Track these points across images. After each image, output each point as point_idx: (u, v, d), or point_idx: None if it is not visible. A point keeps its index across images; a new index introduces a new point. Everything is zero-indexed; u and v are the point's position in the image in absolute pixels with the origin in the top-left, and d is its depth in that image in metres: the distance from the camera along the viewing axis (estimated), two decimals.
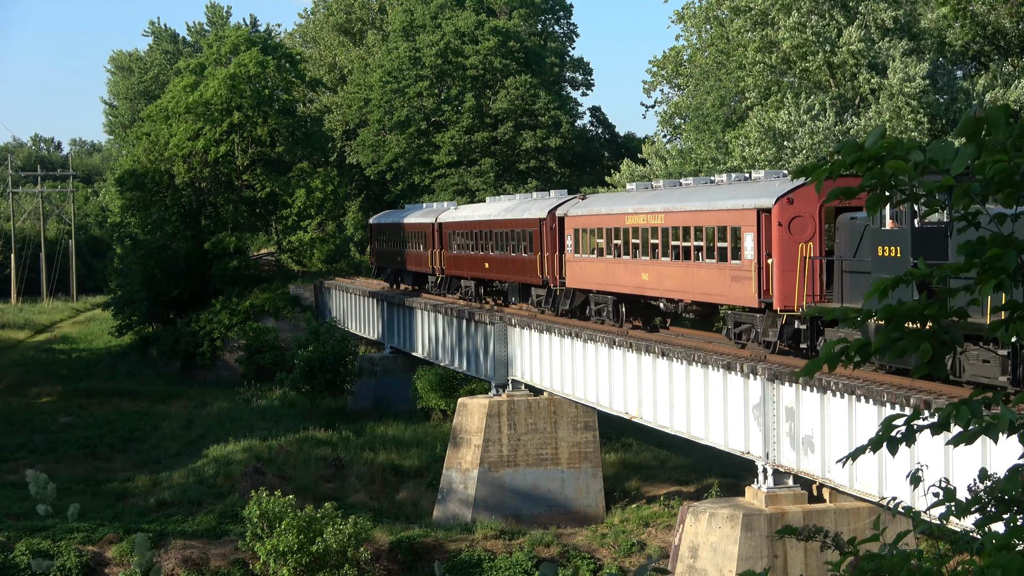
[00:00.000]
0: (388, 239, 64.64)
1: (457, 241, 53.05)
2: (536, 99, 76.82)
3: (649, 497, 43.44)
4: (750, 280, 30.41)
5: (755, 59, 51.40)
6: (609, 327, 39.07)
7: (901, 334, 5.19)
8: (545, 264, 43.24)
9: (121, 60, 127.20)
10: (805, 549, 27.96)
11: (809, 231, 29.21)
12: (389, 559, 36.28)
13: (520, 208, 47.01)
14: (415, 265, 59.04)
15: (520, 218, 45.73)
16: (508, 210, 48.00)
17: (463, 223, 52.63)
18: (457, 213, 54.85)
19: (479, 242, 50.11)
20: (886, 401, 24.46)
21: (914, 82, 46.11)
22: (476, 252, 50.50)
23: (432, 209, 59.05)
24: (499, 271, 48.12)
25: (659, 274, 35.50)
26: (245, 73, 73.23)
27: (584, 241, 40.57)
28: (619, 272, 38.07)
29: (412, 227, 59.29)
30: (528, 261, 44.62)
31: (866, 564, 5.56)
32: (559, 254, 42.41)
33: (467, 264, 51.93)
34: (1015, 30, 50.26)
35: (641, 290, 36.84)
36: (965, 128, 4.67)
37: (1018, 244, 4.82)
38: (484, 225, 49.75)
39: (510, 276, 47.26)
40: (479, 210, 52.67)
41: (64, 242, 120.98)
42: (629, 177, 61.29)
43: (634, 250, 36.98)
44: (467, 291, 52.59)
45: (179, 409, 61.56)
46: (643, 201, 37.52)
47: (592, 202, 42.37)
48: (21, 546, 34.99)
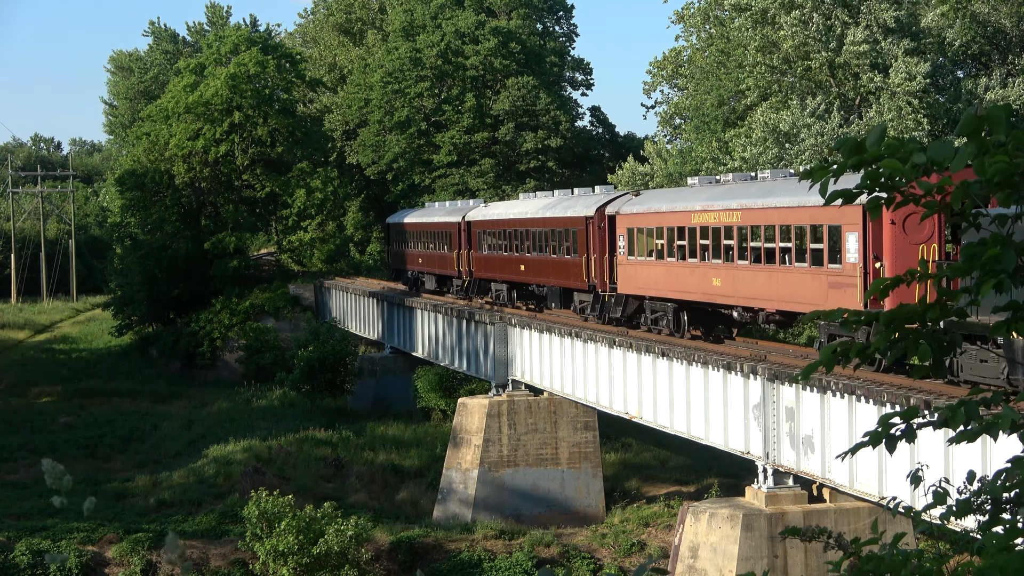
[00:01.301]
0: (407, 239, 61.34)
1: (488, 241, 49.64)
2: (537, 100, 76.83)
3: (649, 497, 43.43)
4: (854, 287, 26.72)
5: (755, 59, 51.39)
6: (657, 335, 35.96)
7: (901, 335, 5.18)
8: (592, 267, 39.67)
9: (121, 60, 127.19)
10: (805, 549, 27.95)
11: (927, 231, 25.45)
12: (389, 559, 36.28)
13: (562, 205, 43.19)
14: (438, 267, 55.89)
15: (563, 216, 42.12)
16: (548, 207, 44.30)
17: (495, 222, 49.25)
18: (487, 211, 51.50)
19: (513, 242, 46.63)
20: (886, 401, 24.46)
21: (914, 81, 46.12)
22: (510, 253, 47.07)
23: (457, 207, 56.14)
24: (537, 274, 44.79)
25: (734, 279, 31.62)
26: (245, 73, 73.23)
27: (639, 242, 36.72)
28: (682, 277, 34.19)
29: (435, 227, 56.04)
30: (572, 264, 41.18)
31: (865, 565, 5.55)
32: (609, 256, 38.80)
33: (499, 266, 48.55)
34: (1015, 30, 50.24)
35: (711, 297, 32.99)
36: (966, 127, 4.66)
37: (1017, 245, 4.81)
38: (520, 224, 46.19)
39: (550, 280, 43.83)
40: (513, 208, 49.05)
41: (64, 242, 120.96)
42: (630, 177, 61.31)
43: (702, 252, 33.00)
44: (498, 295, 49.37)
45: (179, 409, 61.54)
46: (713, 197, 33.31)
47: (648, 199, 38.34)
48: (21, 546, 34.97)
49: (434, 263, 56.40)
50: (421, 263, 58.71)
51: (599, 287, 39.52)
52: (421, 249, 58.56)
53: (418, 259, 59.14)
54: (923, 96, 46.79)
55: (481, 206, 53.44)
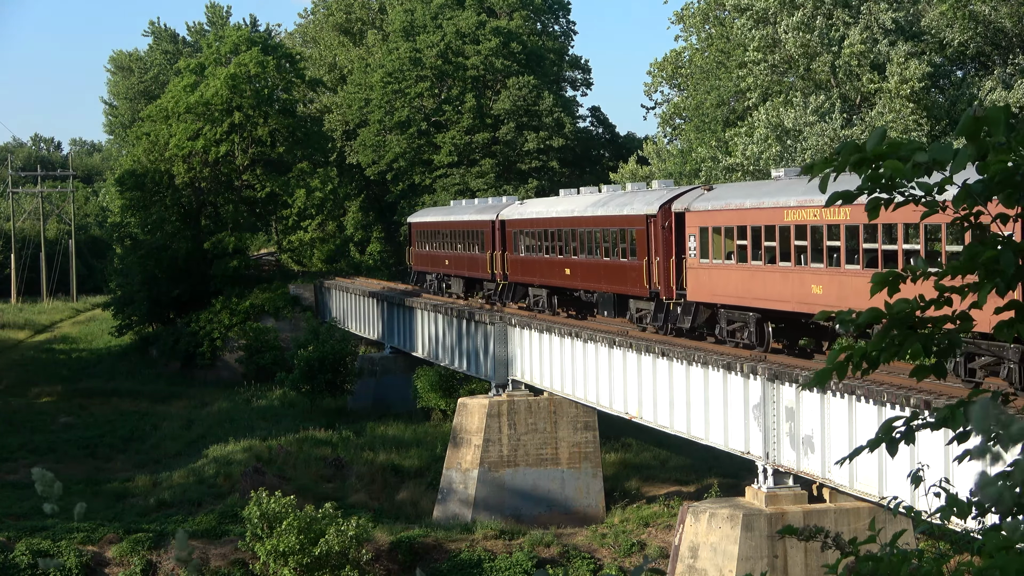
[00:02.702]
0: (432, 240, 57.21)
1: (525, 242, 45.79)
2: (540, 100, 76.80)
3: (649, 497, 43.44)
4: None
5: (756, 58, 51.40)
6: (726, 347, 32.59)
7: (900, 336, 5.18)
8: (655, 271, 35.22)
9: (121, 60, 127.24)
10: (805, 549, 27.95)
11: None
12: (389, 559, 36.28)
13: (617, 202, 38.95)
14: (467, 270, 52.05)
15: (619, 214, 37.85)
16: (599, 205, 40.06)
17: (534, 220, 45.19)
18: (524, 209, 47.54)
19: (556, 243, 42.61)
20: (886, 401, 24.46)
21: (909, 83, 46.15)
22: (552, 255, 43.03)
23: (489, 205, 52.40)
24: (586, 279, 40.55)
25: (840, 286, 27.37)
26: (245, 73, 73.26)
27: (715, 243, 32.35)
28: (771, 283, 30.09)
29: (464, 226, 52.16)
30: (629, 268, 36.88)
31: (863, 566, 5.55)
32: (676, 259, 34.46)
33: (539, 269, 44.55)
34: (1015, 30, 50.24)
35: (808, 307, 28.59)
36: (965, 128, 4.66)
37: (1017, 246, 4.81)
38: (565, 223, 42.07)
39: (601, 285, 39.49)
40: (556, 205, 44.59)
41: (64, 242, 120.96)
42: (631, 176, 61.31)
43: (798, 255, 28.81)
44: (537, 300, 45.57)
45: (179, 409, 61.56)
46: (812, 191, 27.81)
47: (725, 193, 33.30)
48: (21, 546, 34.97)
49: (462, 265, 52.73)
50: (447, 265, 54.90)
51: (663, 294, 35.11)
52: (447, 250, 54.69)
53: (443, 261, 55.32)
54: (922, 97, 46.79)
55: (516, 204, 49.68)
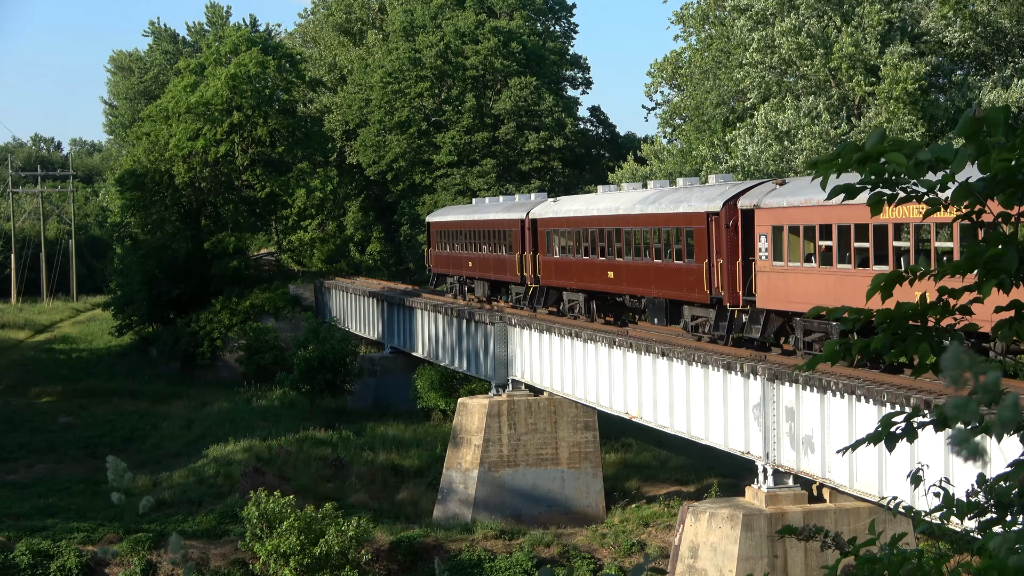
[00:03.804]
0: (453, 240, 54.04)
1: (560, 242, 42.96)
2: (541, 100, 76.79)
3: (649, 497, 43.45)
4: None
5: (755, 60, 51.41)
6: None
7: (902, 334, 5.18)
8: (716, 275, 32.33)
9: (121, 60, 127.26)
10: (805, 549, 27.95)
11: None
12: (389, 559, 36.28)
13: (671, 199, 35.67)
14: (493, 272, 49.02)
15: (673, 212, 34.75)
16: (648, 202, 37.02)
17: (571, 219, 42.17)
18: (558, 207, 44.36)
19: (597, 244, 39.68)
20: (886, 401, 24.46)
21: (900, 84, 46.15)
22: (592, 257, 40.18)
23: (516, 203, 49.65)
24: (632, 283, 37.61)
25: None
26: (245, 73, 73.29)
27: (791, 244, 29.19)
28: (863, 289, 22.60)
29: (489, 225, 49.22)
30: (685, 271, 33.81)
31: (862, 566, 5.54)
32: (743, 261, 31.53)
33: (576, 272, 41.59)
34: (1015, 30, 50.23)
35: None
36: (965, 128, 4.66)
37: (1019, 244, 4.81)
38: (608, 222, 39.11)
39: (651, 290, 36.39)
40: (596, 203, 41.49)
41: (64, 242, 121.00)
42: (631, 177, 61.30)
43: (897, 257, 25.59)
44: (573, 306, 42.62)
45: (179, 409, 61.57)
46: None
47: (801, 187, 29.67)
48: (21, 546, 34.95)
49: (487, 267, 49.60)
50: (471, 267, 51.66)
51: (727, 300, 32.08)
52: (470, 251, 51.54)
53: (466, 263, 52.14)
54: (918, 99, 46.78)
55: (549, 201, 46.29)
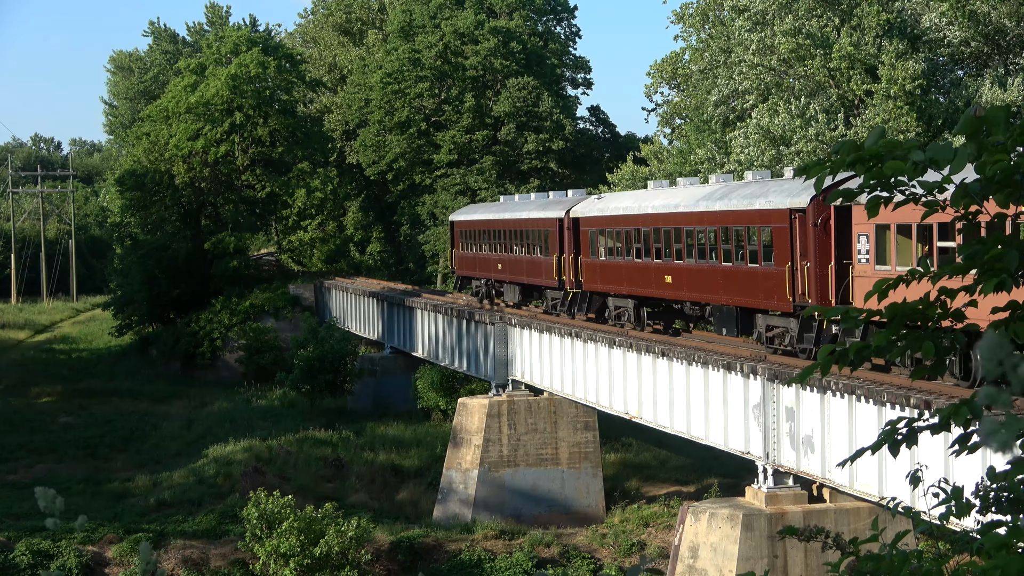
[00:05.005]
0: (480, 241, 50.99)
1: (606, 243, 39.49)
2: (540, 101, 76.76)
3: (649, 497, 43.46)
4: None
5: (754, 61, 51.41)
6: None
7: (901, 335, 5.18)
8: (801, 279, 28.59)
9: (121, 60, 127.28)
10: (805, 549, 27.95)
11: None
12: (389, 559, 36.28)
13: (742, 194, 31.74)
14: (527, 275, 45.80)
15: (747, 209, 31.13)
16: (714, 198, 33.02)
17: (619, 218, 38.59)
18: (604, 204, 40.84)
19: (652, 245, 35.98)
20: (886, 401, 24.46)
21: (898, 84, 46.16)
22: (646, 260, 36.45)
23: (552, 200, 46.28)
24: (694, 288, 33.99)
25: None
26: (246, 73, 73.31)
27: (900, 245, 25.31)
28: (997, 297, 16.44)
29: (522, 224, 46.09)
30: (763, 275, 30.26)
31: (865, 565, 5.55)
32: (836, 265, 27.72)
33: (625, 276, 37.98)
34: (1015, 30, 50.23)
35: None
36: (965, 127, 4.66)
37: (1019, 244, 4.81)
38: (665, 221, 35.33)
39: (718, 296, 32.73)
40: (651, 199, 37.42)
41: (64, 242, 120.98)
42: (630, 177, 61.30)
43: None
44: (620, 313, 38.96)
45: (179, 409, 61.57)
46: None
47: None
48: (21, 546, 34.96)
49: (519, 270, 46.39)
50: (500, 270, 48.41)
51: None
52: (499, 252, 48.33)
53: (494, 265, 48.90)
54: (916, 99, 46.78)
55: (592, 199, 43.11)
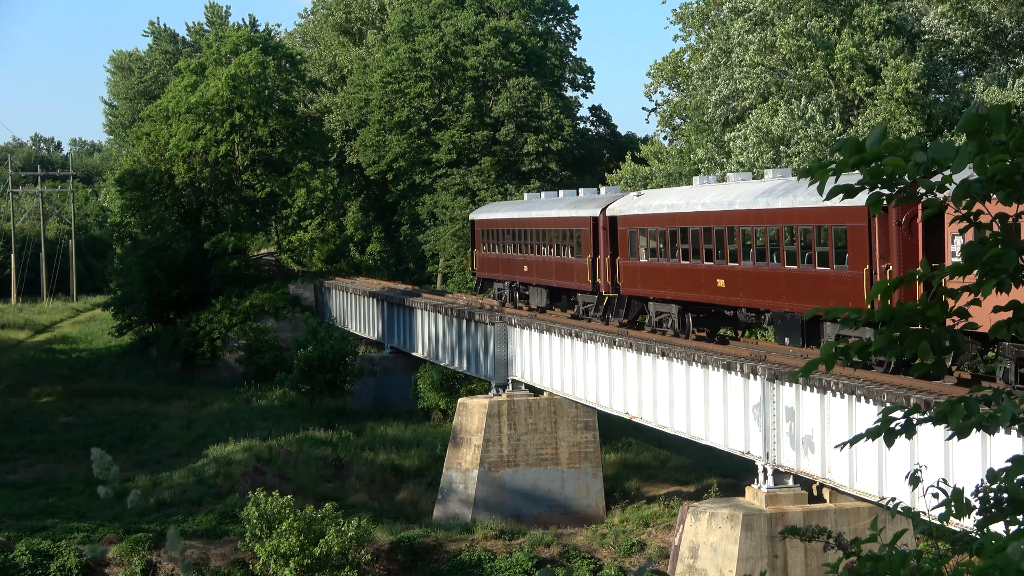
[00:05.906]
0: (503, 241, 48.73)
1: (648, 244, 36.61)
2: (539, 102, 76.75)
3: (649, 497, 43.45)
4: None
5: (754, 61, 51.40)
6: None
7: (902, 334, 5.19)
8: (868, 283, 26.31)
9: (121, 60, 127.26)
10: (805, 549, 27.96)
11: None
12: (389, 559, 36.27)
13: (805, 192, 28.20)
14: (556, 277, 43.36)
15: (815, 207, 27.87)
16: (776, 194, 30.07)
17: (663, 217, 35.60)
18: (645, 202, 37.63)
19: (703, 246, 33.20)
20: (886, 401, 24.46)
21: (900, 86, 46.17)
22: (695, 262, 33.63)
23: (583, 198, 43.63)
24: (752, 293, 31.20)
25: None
26: (246, 73, 73.31)
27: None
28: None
29: (551, 224, 43.62)
30: (834, 280, 27.61)
31: (864, 565, 5.55)
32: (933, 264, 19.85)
33: (671, 279, 35.11)
34: (1016, 30, 50.24)
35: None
36: (967, 126, 4.67)
37: (1019, 245, 4.81)
38: (718, 219, 32.53)
39: (780, 302, 29.82)
40: (700, 195, 34.26)
41: (64, 242, 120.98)
42: (631, 177, 61.30)
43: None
44: (663, 319, 36.30)
45: (179, 409, 61.57)
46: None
47: None
48: (21, 546, 34.95)
49: (548, 272, 44.05)
50: (526, 272, 46.22)
51: None
52: (525, 253, 46.09)
53: (520, 267, 46.69)
54: (919, 97, 46.79)
55: (631, 196, 39.86)
